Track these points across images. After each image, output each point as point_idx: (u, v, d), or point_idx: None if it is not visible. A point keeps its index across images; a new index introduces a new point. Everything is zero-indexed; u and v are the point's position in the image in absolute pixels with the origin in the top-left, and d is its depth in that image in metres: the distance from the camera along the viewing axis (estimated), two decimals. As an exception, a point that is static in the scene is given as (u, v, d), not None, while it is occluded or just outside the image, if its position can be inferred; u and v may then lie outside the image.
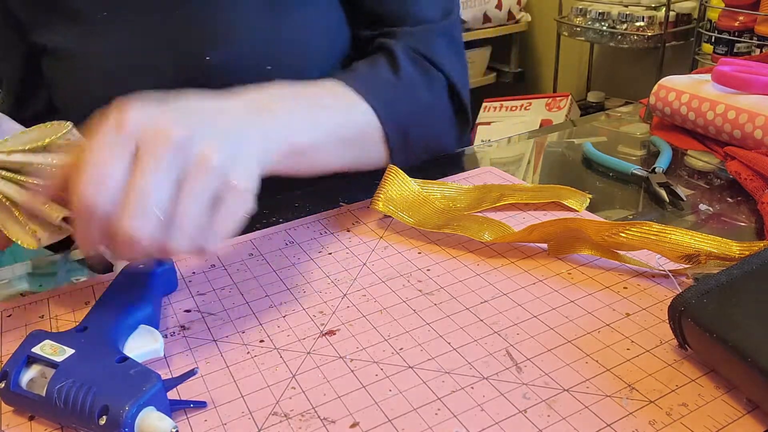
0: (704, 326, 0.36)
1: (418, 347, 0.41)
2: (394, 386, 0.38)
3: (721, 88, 0.66)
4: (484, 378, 0.38)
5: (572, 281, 0.46)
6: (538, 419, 0.35)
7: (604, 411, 0.35)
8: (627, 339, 0.40)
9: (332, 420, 0.36)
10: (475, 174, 0.63)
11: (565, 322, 0.42)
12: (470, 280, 0.47)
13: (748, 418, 0.34)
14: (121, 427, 0.33)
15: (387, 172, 0.57)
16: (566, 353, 0.39)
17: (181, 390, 0.39)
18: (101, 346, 0.38)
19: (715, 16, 1.79)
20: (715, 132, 0.66)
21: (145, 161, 0.35)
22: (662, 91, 0.72)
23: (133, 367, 0.36)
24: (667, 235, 0.45)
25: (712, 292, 0.37)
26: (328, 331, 0.43)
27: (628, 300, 0.44)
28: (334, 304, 0.46)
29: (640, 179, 0.62)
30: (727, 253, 0.44)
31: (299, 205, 0.61)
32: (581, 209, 0.56)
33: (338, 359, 0.40)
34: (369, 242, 0.53)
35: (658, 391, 0.36)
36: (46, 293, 0.49)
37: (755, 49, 1.70)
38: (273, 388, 0.38)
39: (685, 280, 0.45)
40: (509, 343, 0.41)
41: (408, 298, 0.46)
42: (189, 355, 0.41)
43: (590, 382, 0.37)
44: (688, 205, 0.57)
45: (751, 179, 0.58)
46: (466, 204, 0.57)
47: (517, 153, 0.73)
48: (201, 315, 0.45)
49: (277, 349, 0.42)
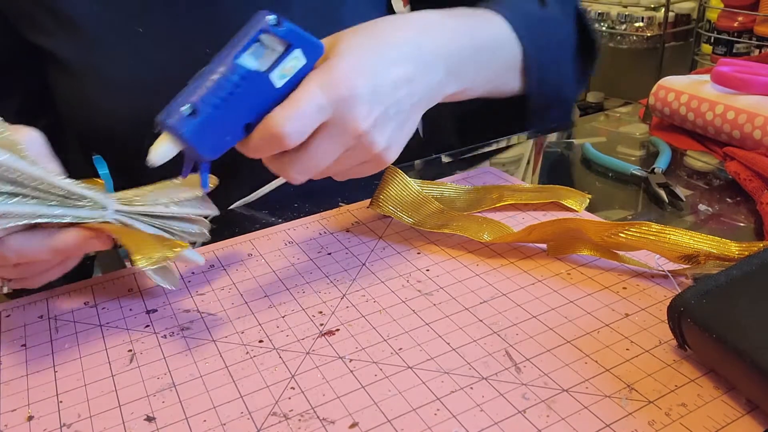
0: (703, 326, 0.36)
1: (418, 347, 0.41)
2: (393, 386, 0.38)
3: (721, 89, 0.66)
4: (484, 378, 0.38)
5: (571, 281, 0.46)
6: (538, 419, 0.35)
7: (604, 411, 0.35)
8: (626, 339, 0.40)
9: (331, 420, 0.36)
10: (474, 174, 0.63)
11: (565, 323, 0.42)
12: (469, 280, 0.47)
13: (747, 418, 0.34)
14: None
15: (386, 172, 0.57)
16: (565, 353, 0.39)
17: (180, 391, 0.39)
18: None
19: (715, 17, 1.79)
20: (714, 132, 0.66)
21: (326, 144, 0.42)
22: (661, 92, 0.72)
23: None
24: (666, 236, 0.45)
25: (711, 292, 0.37)
26: (328, 332, 0.43)
27: (628, 300, 0.44)
28: (334, 304, 0.46)
29: (639, 180, 0.62)
30: (727, 253, 0.44)
31: (298, 205, 0.61)
32: (580, 209, 0.56)
33: (337, 359, 0.40)
34: (368, 242, 0.53)
35: (657, 392, 0.36)
36: (44, 293, 0.49)
37: (754, 49, 1.70)
38: (272, 389, 0.38)
39: (684, 281, 0.45)
40: (508, 343, 0.41)
41: (407, 299, 0.46)
42: (188, 355, 0.41)
43: (589, 383, 0.37)
44: (688, 205, 0.57)
45: (750, 180, 0.58)
46: (465, 204, 0.57)
47: (517, 153, 0.73)
48: (200, 315, 0.45)
49: (276, 350, 0.42)
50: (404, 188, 0.57)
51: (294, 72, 0.40)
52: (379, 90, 0.42)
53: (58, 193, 0.40)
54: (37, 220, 0.39)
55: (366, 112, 0.41)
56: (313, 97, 0.40)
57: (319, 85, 0.40)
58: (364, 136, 0.42)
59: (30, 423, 0.37)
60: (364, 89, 0.41)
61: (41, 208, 0.39)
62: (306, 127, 0.40)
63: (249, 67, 0.39)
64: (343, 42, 0.43)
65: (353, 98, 0.41)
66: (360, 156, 0.44)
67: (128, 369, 0.41)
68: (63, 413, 0.38)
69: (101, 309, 0.47)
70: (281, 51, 0.40)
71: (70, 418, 0.37)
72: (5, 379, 0.41)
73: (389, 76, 0.43)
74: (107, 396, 0.39)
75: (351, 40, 0.44)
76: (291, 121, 0.39)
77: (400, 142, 0.46)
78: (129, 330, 0.44)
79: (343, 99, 0.41)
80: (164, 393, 0.39)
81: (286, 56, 0.40)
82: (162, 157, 0.39)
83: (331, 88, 0.40)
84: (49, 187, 0.40)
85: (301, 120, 0.40)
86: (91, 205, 0.41)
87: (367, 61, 0.42)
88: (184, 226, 0.45)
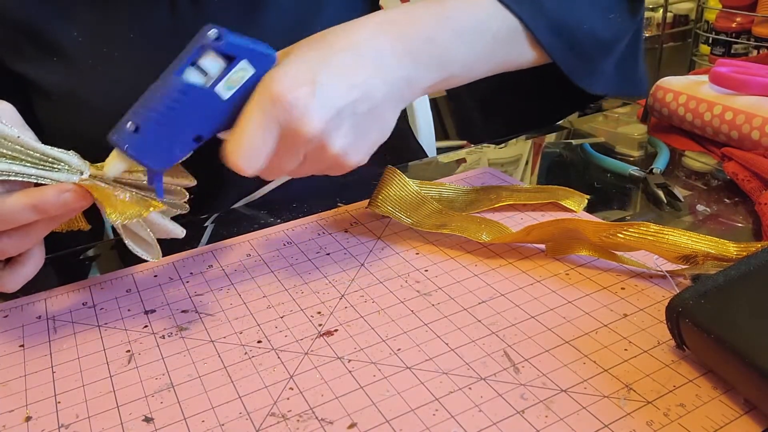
0: (702, 327, 0.36)
1: (416, 348, 0.41)
2: (392, 387, 0.38)
3: (719, 89, 0.67)
4: (482, 378, 0.38)
5: (570, 282, 0.46)
6: (536, 420, 0.35)
7: (602, 411, 0.35)
8: (625, 339, 0.40)
9: (330, 421, 0.36)
10: (472, 175, 0.64)
11: (563, 323, 0.42)
12: (468, 280, 0.47)
13: (745, 418, 0.34)
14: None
15: (385, 172, 0.57)
16: (564, 354, 0.40)
17: (179, 392, 0.39)
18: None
19: (713, 17, 1.79)
20: (712, 133, 0.66)
21: (285, 157, 0.43)
22: (660, 92, 0.72)
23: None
24: (664, 236, 0.45)
25: (709, 292, 0.37)
26: (326, 332, 0.43)
27: (626, 300, 0.44)
28: (332, 304, 0.46)
29: (637, 180, 0.62)
30: (725, 253, 0.44)
31: (297, 205, 0.61)
32: (579, 210, 0.56)
33: (336, 360, 0.40)
34: (367, 243, 0.53)
35: (655, 392, 0.36)
36: (44, 294, 0.49)
37: (752, 50, 1.70)
38: (271, 389, 0.38)
39: (682, 281, 0.45)
40: (507, 343, 0.41)
41: (406, 299, 0.46)
42: (187, 356, 0.41)
43: (588, 383, 0.37)
44: (686, 205, 0.57)
45: (749, 180, 0.58)
46: (463, 205, 0.57)
47: (515, 154, 0.73)
48: (198, 315, 0.45)
49: (274, 350, 0.42)
50: (403, 188, 0.57)
51: (242, 82, 0.41)
52: (326, 95, 0.42)
53: (33, 155, 0.41)
54: (12, 177, 0.40)
55: (313, 118, 0.41)
56: (256, 122, 0.40)
57: (259, 106, 0.40)
58: (316, 140, 0.42)
59: (28, 423, 0.37)
60: (306, 98, 0.41)
61: (15, 167, 0.40)
62: (260, 153, 0.41)
63: (191, 82, 0.40)
64: (291, 53, 0.43)
65: (295, 108, 0.40)
66: (319, 160, 0.44)
67: (126, 369, 0.41)
68: (61, 414, 0.38)
69: (99, 309, 0.47)
70: (225, 64, 0.40)
71: (68, 418, 0.37)
72: (3, 380, 0.41)
73: (337, 81, 0.43)
74: (105, 396, 0.39)
75: (298, 51, 0.43)
76: (243, 155, 0.41)
77: (363, 145, 0.45)
78: (127, 330, 0.44)
79: (286, 111, 0.40)
80: (162, 393, 0.39)
81: (231, 68, 0.40)
82: (114, 170, 0.41)
83: (272, 104, 0.40)
84: (24, 148, 0.40)
85: (252, 150, 0.41)
86: (68, 169, 0.41)
87: (310, 70, 0.42)
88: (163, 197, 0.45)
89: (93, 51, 0.57)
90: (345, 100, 0.42)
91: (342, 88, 0.42)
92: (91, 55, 0.57)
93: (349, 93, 0.43)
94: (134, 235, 0.44)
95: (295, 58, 0.42)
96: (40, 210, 0.40)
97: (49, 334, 0.45)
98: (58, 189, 0.40)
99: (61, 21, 0.56)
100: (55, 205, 0.40)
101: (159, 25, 0.57)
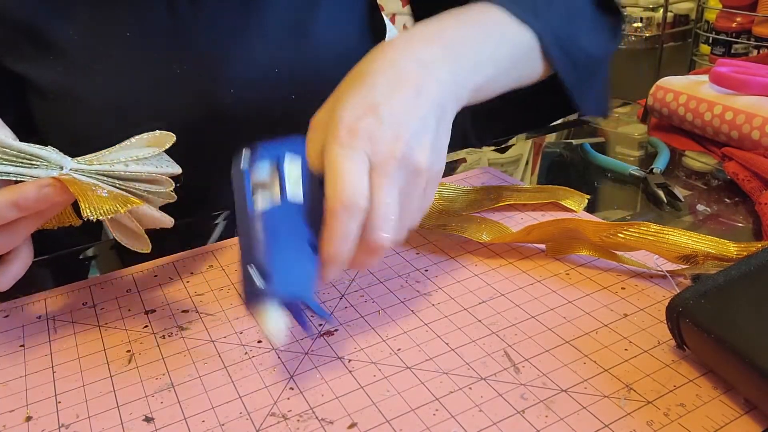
0: (702, 327, 0.36)
1: (416, 348, 0.41)
2: (392, 387, 0.38)
3: (719, 89, 0.67)
4: (482, 378, 0.38)
5: (570, 282, 0.46)
6: (536, 420, 0.35)
7: (602, 411, 0.35)
8: (625, 339, 0.40)
9: (330, 420, 0.36)
10: (473, 175, 0.64)
11: (563, 323, 0.42)
12: (468, 280, 0.47)
13: (745, 418, 0.34)
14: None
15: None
16: (564, 354, 0.40)
17: (179, 392, 0.39)
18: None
19: (713, 17, 1.79)
20: (712, 133, 0.66)
21: (382, 180, 0.39)
22: (660, 92, 0.72)
23: None
24: (664, 236, 0.45)
25: (709, 292, 0.37)
26: (326, 332, 0.43)
27: (626, 300, 0.44)
28: (332, 304, 0.46)
29: (637, 180, 0.62)
30: (725, 253, 0.44)
31: (297, 205, 0.61)
32: (579, 210, 0.56)
33: (336, 360, 0.40)
34: (367, 243, 0.53)
35: (655, 392, 0.36)
36: (44, 294, 0.49)
37: (753, 50, 1.70)
38: (271, 389, 0.38)
39: (682, 281, 0.45)
40: (507, 343, 0.41)
41: (406, 299, 0.46)
42: (187, 356, 0.41)
43: (588, 383, 0.37)
44: (686, 205, 0.57)
45: (749, 180, 0.58)
46: (464, 204, 0.57)
47: (515, 154, 0.73)
48: (199, 315, 0.45)
49: (275, 350, 0.42)
50: (403, 188, 0.56)
51: (300, 172, 0.40)
52: (390, 114, 0.40)
53: (10, 153, 0.40)
54: None
55: (391, 137, 0.40)
56: (344, 160, 0.38)
57: (338, 148, 0.39)
58: (406, 158, 0.40)
59: (28, 423, 0.37)
60: (373, 124, 0.39)
61: None
62: (360, 184, 0.38)
63: (264, 208, 0.39)
64: (336, 98, 0.42)
65: (371, 137, 0.39)
66: (414, 182, 0.41)
67: (127, 369, 0.41)
68: (61, 414, 0.38)
69: (100, 309, 0.47)
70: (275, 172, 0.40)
71: (68, 418, 0.37)
72: (3, 380, 0.41)
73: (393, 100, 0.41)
74: (106, 396, 0.39)
75: (340, 92, 0.42)
76: (343, 189, 0.38)
77: (441, 150, 0.44)
78: (127, 330, 0.44)
79: (362, 141, 0.39)
80: (163, 393, 0.39)
81: (283, 169, 0.40)
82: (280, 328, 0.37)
83: (346, 143, 0.39)
84: (1, 147, 0.39)
85: (351, 181, 0.38)
86: (47, 165, 0.41)
87: (363, 101, 0.40)
88: (148, 187, 0.44)
89: (91, 50, 0.57)
90: (413, 112, 0.41)
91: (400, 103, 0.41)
92: (89, 54, 0.57)
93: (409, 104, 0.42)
94: (122, 227, 0.44)
95: (343, 98, 0.41)
96: (22, 206, 0.40)
97: (49, 334, 0.45)
98: (38, 184, 0.40)
99: (60, 20, 0.56)
100: (37, 200, 0.40)
101: (157, 24, 0.57)
